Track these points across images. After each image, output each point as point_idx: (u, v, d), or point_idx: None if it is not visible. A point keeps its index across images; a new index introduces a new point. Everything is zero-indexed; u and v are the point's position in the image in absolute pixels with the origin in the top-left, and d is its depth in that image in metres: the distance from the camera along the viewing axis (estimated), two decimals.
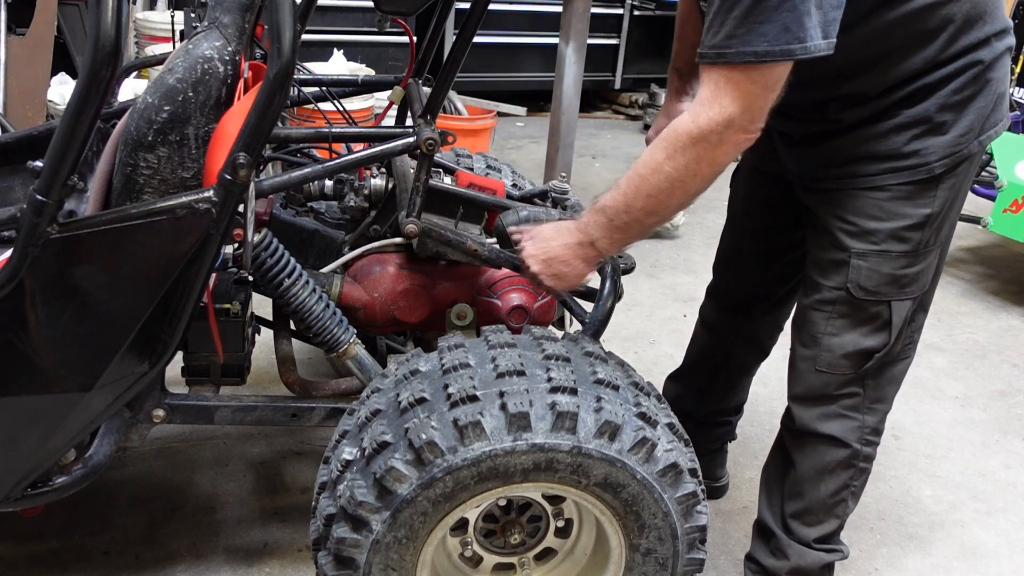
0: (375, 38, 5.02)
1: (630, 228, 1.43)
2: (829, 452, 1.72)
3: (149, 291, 1.40)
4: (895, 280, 1.57)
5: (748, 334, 2.09)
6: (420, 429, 1.31)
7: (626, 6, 6.25)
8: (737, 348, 2.10)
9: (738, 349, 2.11)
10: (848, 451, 1.71)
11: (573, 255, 1.49)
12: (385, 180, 1.97)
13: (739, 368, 2.16)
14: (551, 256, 1.52)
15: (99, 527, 1.95)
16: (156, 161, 1.40)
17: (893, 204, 1.52)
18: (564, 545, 1.62)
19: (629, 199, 1.40)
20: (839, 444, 1.71)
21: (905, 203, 1.52)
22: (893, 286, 1.58)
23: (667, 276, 3.75)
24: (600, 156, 5.54)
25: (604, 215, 1.44)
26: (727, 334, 2.10)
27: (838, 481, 1.74)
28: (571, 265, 1.50)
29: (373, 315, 1.80)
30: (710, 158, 1.34)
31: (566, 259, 1.50)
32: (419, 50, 2.07)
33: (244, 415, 1.69)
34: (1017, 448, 2.70)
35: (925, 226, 1.54)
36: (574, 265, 1.50)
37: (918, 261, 1.57)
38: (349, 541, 1.34)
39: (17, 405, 1.43)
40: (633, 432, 1.35)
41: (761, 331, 2.09)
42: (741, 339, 2.09)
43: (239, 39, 1.49)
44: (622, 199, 1.41)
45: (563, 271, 1.52)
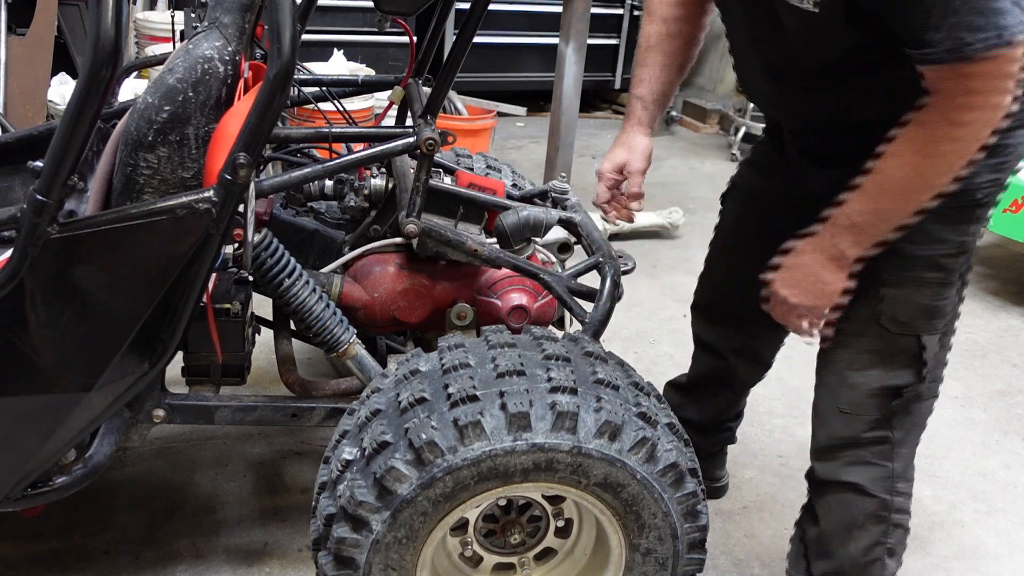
0: (375, 38, 5.01)
1: (884, 231, 1.37)
2: (855, 504, 1.61)
3: (149, 291, 1.40)
4: (928, 311, 1.49)
5: (750, 353, 2.04)
6: (420, 429, 1.31)
7: (626, 6, 6.25)
8: (740, 368, 2.06)
9: (741, 369, 2.06)
10: (876, 502, 1.60)
11: (823, 268, 1.42)
12: (385, 180, 1.97)
13: (742, 385, 2.13)
14: (800, 273, 1.44)
15: (99, 527, 1.95)
16: (156, 161, 1.40)
17: (935, 229, 1.44)
18: (564, 545, 1.62)
19: (881, 204, 1.34)
20: (866, 495, 1.60)
21: (946, 228, 1.46)
22: (925, 318, 1.50)
23: (667, 276, 3.75)
24: (600, 156, 5.52)
25: (852, 227, 1.37)
26: (728, 355, 2.04)
27: (869, 538, 1.63)
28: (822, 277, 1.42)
29: (373, 315, 1.80)
30: (972, 150, 1.27)
31: (816, 272, 1.43)
32: (419, 50, 2.07)
33: (244, 415, 1.70)
34: (1017, 448, 2.70)
35: (960, 254, 1.49)
36: (826, 278, 1.42)
37: (949, 291, 1.50)
38: (349, 541, 1.34)
39: (17, 405, 1.43)
40: (633, 432, 1.35)
41: (764, 349, 2.04)
42: (743, 358, 2.04)
43: (239, 39, 1.49)
44: (872, 207, 1.34)
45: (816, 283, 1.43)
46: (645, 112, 1.78)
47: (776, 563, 2.09)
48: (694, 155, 5.77)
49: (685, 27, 1.74)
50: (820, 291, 1.44)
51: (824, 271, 1.42)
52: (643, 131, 1.79)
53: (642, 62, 1.77)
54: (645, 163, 1.79)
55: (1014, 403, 2.97)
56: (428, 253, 1.73)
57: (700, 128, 6.42)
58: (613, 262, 1.75)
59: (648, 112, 1.78)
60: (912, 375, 1.53)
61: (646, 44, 1.76)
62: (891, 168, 1.31)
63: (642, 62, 1.77)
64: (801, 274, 1.44)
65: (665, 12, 1.73)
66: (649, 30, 1.75)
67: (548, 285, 1.71)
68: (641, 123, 1.79)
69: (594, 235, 1.86)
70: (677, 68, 1.77)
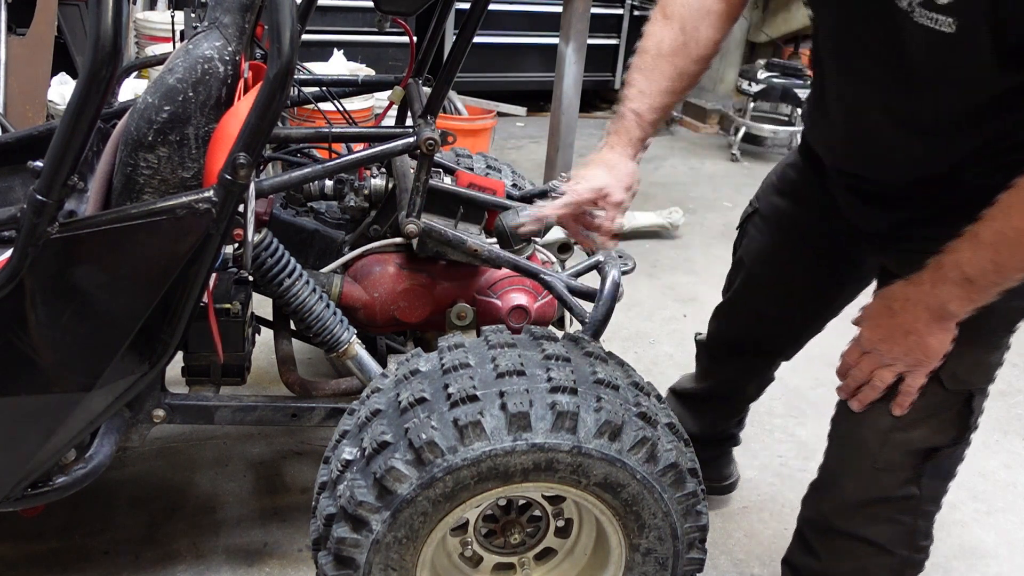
0: (375, 38, 5.01)
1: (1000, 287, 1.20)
2: (871, 558, 1.49)
3: (149, 291, 1.40)
4: (986, 368, 1.38)
5: (761, 374, 2.00)
6: (420, 429, 1.31)
7: (626, 6, 6.25)
8: (749, 387, 2.03)
9: (750, 387, 2.03)
10: (894, 559, 1.49)
11: (926, 326, 1.28)
12: (385, 180, 1.97)
13: (747, 400, 2.10)
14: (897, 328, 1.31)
15: (99, 527, 1.95)
16: (156, 161, 1.40)
17: None
18: (564, 545, 1.62)
19: (1002, 258, 1.16)
20: (883, 551, 1.48)
21: None
22: (982, 375, 1.38)
23: (667, 276, 3.75)
24: None
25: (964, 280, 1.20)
26: (738, 376, 2.00)
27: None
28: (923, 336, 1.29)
29: (373, 315, 1.80)
30: None
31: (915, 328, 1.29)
32: (419, 50, 2.07)
33: (244, 415, 1.70)
34: (1017, 448, 2.70)
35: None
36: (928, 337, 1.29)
37: (1004, 345, 1.39)
38: (349, 541, 1.34)
39: (17, 405, 1.43)
40: (633, 432, 1.35)
41: (774, 369, 2.00)
42: (755, 379, 2.00)
43: (239, 39, 1.49)
44: (991, 259, 1.17)
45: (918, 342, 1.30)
46: (640, 132, 1.46)
47: (776, 563, 2.08)
48: (694, 155, 5.77)
49: (706, 39, 1.44)
50: (923, 350, 1.30)
51: (927, 329, 1.28)
52: (631, 154, 1.47)
53: (647, 72, 1.45)
54: (627, 196, 1.46)
55: (1014, 403, 2.97)
56: (428, 253, 1.73)
57: (700, 128, 6.42)
58: (613, 262, 1.74)
59: (643, 133, 1.47)
60: (955, 433, 1.42)
61: (656, 51, 1.45)
62: (1019, 218, 1.13)
63: (647, 72, 1.45)
64: (899, 329, 1.31)
65: (686, 17, 1.43)
66: (663, 35, 1.44)
67: (548, 285, 1.71)
68: (632, 144, 1.47)
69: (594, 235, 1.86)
70: (684, 86, 1.48)
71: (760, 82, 5.62)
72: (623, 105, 1.49)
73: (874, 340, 1.36)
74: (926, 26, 1.09)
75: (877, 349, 1.36)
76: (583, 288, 1.72)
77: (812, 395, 2.80)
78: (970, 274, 1.20)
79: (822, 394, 2.82)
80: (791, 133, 5.77)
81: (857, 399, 1.42)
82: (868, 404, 1.40)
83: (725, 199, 4.89)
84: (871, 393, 1.39)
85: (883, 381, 1.37)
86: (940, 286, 1.23)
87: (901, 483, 1.44)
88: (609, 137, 1.49)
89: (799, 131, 5.73)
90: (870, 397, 1.40)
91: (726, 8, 1.45)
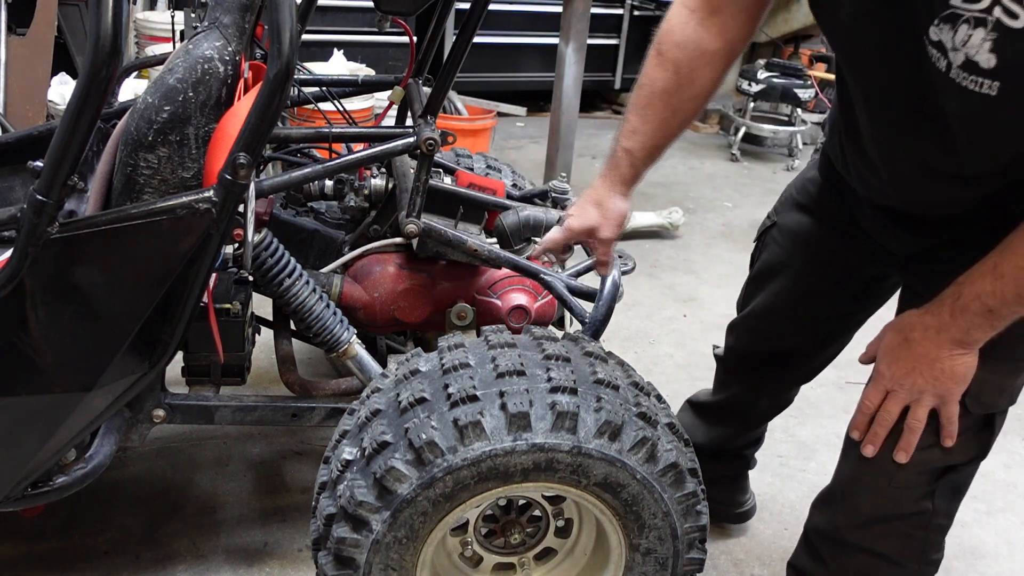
0: (375, 38, 5.01)
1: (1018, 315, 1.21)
2: (880, 571, 1.49)
3: (149, 291, 1.40)
4: (1013, 392, 1.36)
5: (777, 391, 1.95)
6: (420, 429, 1.31)
7: (626, 6, 6.25)
8: (762, 402, 1.99)
9: (763, 403, 1.99)
10: (904, 571, 1.49)
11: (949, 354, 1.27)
12: (385, 180, 1.97)
13: (762, 417, 2.05)
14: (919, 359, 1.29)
15: (99, 527, 1.95)
16: (156, 161, 1.40)
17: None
18: (564, 545, 1.62)
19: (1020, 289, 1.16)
20: (894, 564, 1.48)
21: None
22: (1005, 398, 1.37)
23: (667, 276, 3.75)
24: (600, 156, 5.53)
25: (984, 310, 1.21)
26: (754, 391, 1.95)
27: None
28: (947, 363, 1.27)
29: (373, 315, 1.80)
30: None
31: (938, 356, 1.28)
32: (419, 50, 2.07)
33: (244, 415, 1.70)
34: (1017, 448, 2.70)
35: None
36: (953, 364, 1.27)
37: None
38: (349, 541, 1.34)
39: (18, 405, 1.43)
40: (633, 432, 1.35)
41: (792, 388, 1.95)
42: (768, 397, 1.97)
43: (239, 39, 1.49)
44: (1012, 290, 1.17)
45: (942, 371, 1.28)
46: (631, 169, 1.50)
47: (776, 563, 2.09)
48: (694, 155, 5.77)
49: (701, 79, 1.43)
50: (951, 377, 1.28)
51: (950, 357, 1.27)
52: (623, 192, 1.52)
53: (640, 110, 1.47)
54: (617, 232, 1.54)
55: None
56: (428, 253, 1.73)
57: (700, 128, 6.42)
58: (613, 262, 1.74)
59: (634, 170, 1.50)
60: (975, 452, 1.41)
61: (650, 91, 1.45)
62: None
63: (640, 110, 1.47)
64: (923, 360, 1.29)
65: (680, 60, 1.42)
66: (655, 75, 1.44)
67: (548, 285, 1.71)
68: (624, 182, 1.51)
69: None
70: (679, 124, 1.48)
71: (760, 82, 5.62)
72: (617, 142, 1.51)
73: (897, 376, 1.33)
74: (968, 88, 1.08)
75: (903, 385, 1.32)
76: (583, 288, 1.72)
77: (812, 395, 2.80)
78: (992, 305, 1.20)
79: (822, 394, 2.83)
80: (791, 133, 5.77)
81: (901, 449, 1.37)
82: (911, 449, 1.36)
83: (725, 199, 4.89)
84: (911, 438, 1.35)
85: (920, 420, 1.34)
86: (962, 317, 1.23)
87: (916, 499, 1.43)
88: (603, 173, 1.54)
89: (799, 131, 5.80)
90: (912, 443, 1.36)
91: (723, 48, 1.42)
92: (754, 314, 1.84)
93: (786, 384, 1.93)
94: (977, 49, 1.04)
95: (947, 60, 1.08)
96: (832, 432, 2.65)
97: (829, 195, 1.60)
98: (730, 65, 1.46)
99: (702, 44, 1.41)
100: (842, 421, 2.70)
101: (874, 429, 1.38)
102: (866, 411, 1.39)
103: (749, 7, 1.40)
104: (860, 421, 1.40)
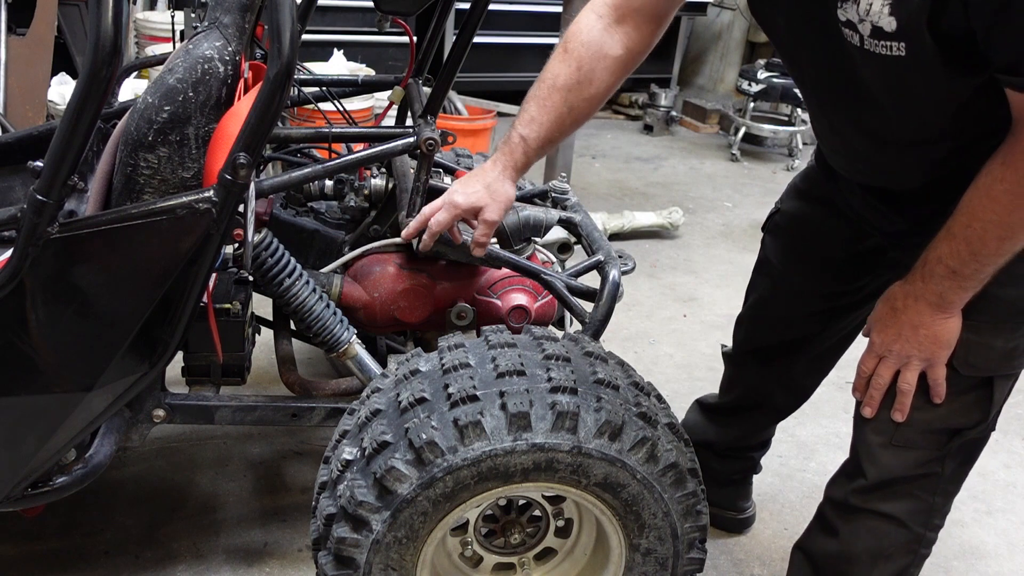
0: (375, 38, 5.01)
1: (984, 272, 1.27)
2: (889, 534, 1.53)
3: (149, 291, 1.40)
4: (1006, 355, 1.40)
5: (790, 382, 1.94)
6: (420, 429, 1.31)
7: None
8: (777, 395, 1.99)
9: (778, 396, 1.99)
10: (909, 534, 1.52)
11: (930, 319, 1.33)
12: (385, 180, 1.97)
13: (775, 413, 2.04)
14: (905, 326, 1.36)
15: (99, 527, 1.95)
16: (156, 161, 1.40)
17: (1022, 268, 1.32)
18: (564, 545, 1.62)
19: (975, 247, 1.24)
20: (901, 525, 1.52)
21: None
22: (1002, 361, 1.41)
23: (667, 276, 3.75)
24: (600, 156, 5.54)
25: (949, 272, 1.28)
26: (766, 383, 1.95)
27: (894, 567, 1.55)
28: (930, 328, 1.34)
29: (373, 315, 1.80)
30: None
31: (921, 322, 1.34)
32: (419, 50, 2.08)
33: (244, 415, 1.70)
34: (1017, 448, 2.70)
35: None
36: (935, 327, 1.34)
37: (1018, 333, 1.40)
38: (349, 541, 1.34)
39: (18, 405, 1.43)
40: (633, 432, 1.35)
41: (806, 379, 1.95)
42: (782, 387, 1.97)
43: (239, 39, 1.49)
44: (966, 249, 1.25)
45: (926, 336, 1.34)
46: (524, 157, 1.57)
47: (776, 563, 2.10)
48: (694, 155, 5.77)
49: (599, 82, 1.53)
50: (935, 341, 1.34)
51: (932, 321, 1.33)
52: (513, 176, 1.59)
53: (540, 101, 1.55)
54: (502, 215, 1.60)
55: (1014, 403, 2.97)
56: (428, 253, 1.73)
57: (700, 128, 6.42)
58: (613, 262, 1.74)
59: (526, 158, 1.57)
60: (978, 417, 1.44)
61: (552, 83, 1.54)
62: (979, 209, 1.22)
63: (540, 101, 1.55)
64: (907, 326, 1.36)
65: (583, 57, 1.52)
66: (558, 70, 1.54)
67: (548, 285, 1.71)
68: (515, 168, 1.58)
69: (594, 235, 1.86)
70: (573, 121, 1.57)
71: (760, 82, 5.62)
72: (514, 127, 1.59)
73: (886, 343, 1.40)
74: (881, 54, 1.18)
75: (891, 351, 1.39)
76: (583, 288, 1.72)
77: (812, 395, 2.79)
78: (952, 266, 1.28)
79: (822, 394, 2.81)
80: (791, 133, 5.77)
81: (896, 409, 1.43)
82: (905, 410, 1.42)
83: (725, 199, 4.89)
84: (904, 399, 1.42)
85: (910, 383, 1.40)
86: (931, 281, 1.31)
87: (925, 462, 1.47)
88: (495, 157, 1.60)
89: (799, 131, 5.80)
90: (905, 404, 1.42)
91: (624, 56, 1.53)
92: (760, 302, 1.88)
93: (799, 371, 1.92)
94: (879, 15, 1.15)
95: (858, 34, 1.19)
96: (832, 432, 2.64)
97: (824, 180, 1.67)
98: (626, 73, 1.57)
99: (605, 48, 1.52)
100: (842, 421, 2.71)
101: (870, 393, 1.45)
102: (862, 375, 1.46)
103: (652, 20, 1.53)
104: (859, 383, 1.47)
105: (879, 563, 1.55)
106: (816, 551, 1.65)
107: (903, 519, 1.51)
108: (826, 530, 1.62)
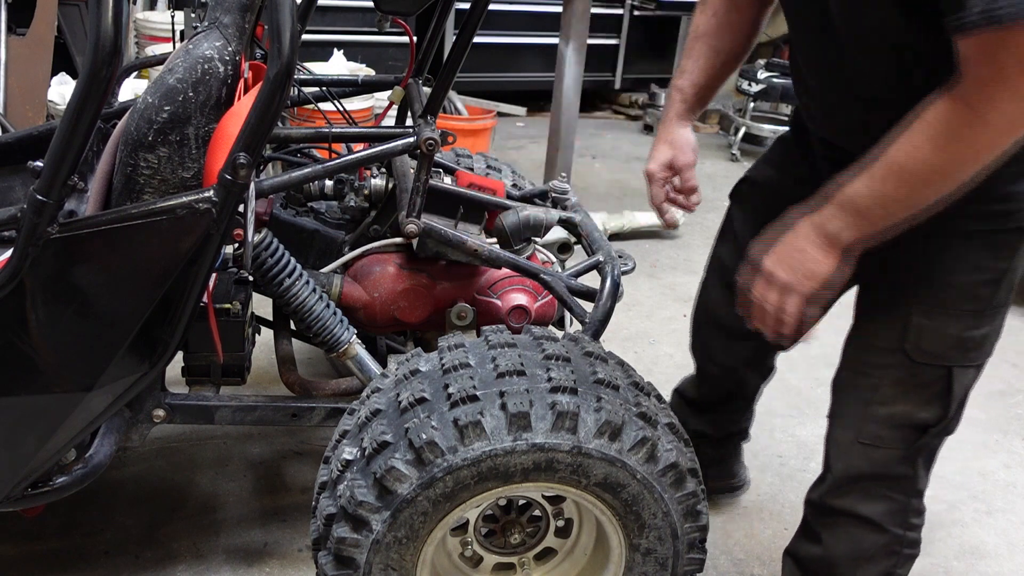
0: (375, 38, 5.01)
1: (884, 220, 1.24)
2: (867, 537, 1.54)
3: (149, 291, 1.40)
4: (961, 343, 1.40)
5: (756, 361, 1.97)
6: (420, 429, 1.31)
7: (626, 6, 6.25)
8: (749, 377, 2.00)
9: (750, 377, 2.01)
10: (888, 536, 1.53)
11: (813, 245, 1.29)
12: (385, 180, 1.97)
13: (753, 391, 2.07)
14: (790, 247, 1.31)
15: (99, 527, 1.95)
16: (156, 161, 1.40)
17: (974, 254, 1.34)
18: (564, 545, 1.62)
19: (887, 191, 1.21)
20: (877, 529, 1.53)
21: (986, 254, 1.35)
22: (958, 350, 1.40)
23: (667, 276, 3.75)
24: (600, 156, 5.54)
25: (852, 209, 1.25)
26: (738, 367, 1.97)
27: (877, 569, 1.56)
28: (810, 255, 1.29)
29: (373, 315, 1.80)
30: (994, 148, 1.13)
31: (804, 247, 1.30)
32: (419, 50, 2.07)
33: (244, 415, 1.70)
34: (1017, 448, 2.70)
35: (1000, 282, 1.37)
36: (814, 256, 1.29)
37: (985, 323, 1.40)
38: (349, 541, 1.35)
39: (18, 405, 1.43)
40: (633, 432, 1.35)
41: (768, 354, 1.96)
42: (751, 367, 1.98)
43: (239, 39, 1.49)
44: (878, 191, 1.22)
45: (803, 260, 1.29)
46: (683, 104, 1.72)
47: (776, 563, 2.09)
48: None
49: (736, 21, 1.67)
50: (805, 269, 1.29)
51: (813, 248, 1.29)
52: (684, 123, 1.73)
53: (687, 53, 1.71)
54: (693, 155, 1.74)
55: (1014, 403, 2.97)
56: (428, 253, 1.73)
57: (700, 128, 6.41)
58: (613, 262, 1.75)
59: (687, 104, 1.72)
60: (939, 410, 1.44)
61: (694, 34, 1.70)
62: (903, 154, 1.18)
63: (687, 53, 1.71)
64: (791, 248, 1.31)
65: (717, 4, 1.67)
66: (698, 20, 1.69)
67: (548, 285, 1.71)
68: (680, 116, 1.73)
69: (594, 235, 1.86)
70: (723, 61, 1.70)
71: (760, 82, 5.62)
72: (670, 85, 1.76)
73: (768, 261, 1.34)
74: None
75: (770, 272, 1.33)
76: (583, 288, 1.72)
77: (812, 395, 2.80)
78: (858, 204, 1.24)
79: (822, 394, 2.81)
80: None
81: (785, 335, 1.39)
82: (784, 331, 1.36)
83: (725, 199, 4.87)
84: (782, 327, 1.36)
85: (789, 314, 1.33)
86: (832, 210, 1.27)
87: (895, 461, 1.48)
88: (662, 119, 1.77)
89: None
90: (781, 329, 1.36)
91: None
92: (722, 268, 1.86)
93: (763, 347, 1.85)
94: None
95: None
96: None
97: (791, 147, 1.71)
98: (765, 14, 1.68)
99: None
100: None
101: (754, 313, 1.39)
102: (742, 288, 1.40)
103: None
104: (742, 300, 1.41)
105: (861, 566, 1.56)
106: (802, 556, 1.67)
107: (879, 521, 1.52)
108: (809, 536, 1.64)
